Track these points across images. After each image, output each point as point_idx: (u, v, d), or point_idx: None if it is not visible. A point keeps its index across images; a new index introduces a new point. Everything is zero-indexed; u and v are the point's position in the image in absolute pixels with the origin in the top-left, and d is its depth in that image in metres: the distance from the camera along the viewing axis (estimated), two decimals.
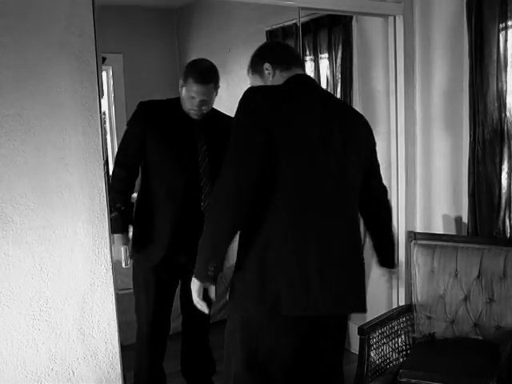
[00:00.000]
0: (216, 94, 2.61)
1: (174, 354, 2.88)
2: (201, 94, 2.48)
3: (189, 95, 2.50)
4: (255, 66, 2.06)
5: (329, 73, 3.56)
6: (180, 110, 2.57)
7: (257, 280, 1.84)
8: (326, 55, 3.56)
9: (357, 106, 3.45)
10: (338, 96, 3.50)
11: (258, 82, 2.04)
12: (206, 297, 1.84)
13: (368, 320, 2.63)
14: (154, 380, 2.79)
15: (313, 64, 3.65)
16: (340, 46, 3.42)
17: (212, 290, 1.84)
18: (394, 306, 3.11)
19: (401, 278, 3.13)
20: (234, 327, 1.94)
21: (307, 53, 3.66)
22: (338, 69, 3.47)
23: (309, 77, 2.09)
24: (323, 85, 3.62)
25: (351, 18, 3.33)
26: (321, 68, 3.61)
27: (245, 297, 1.87)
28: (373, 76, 3.35)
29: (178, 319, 2.91)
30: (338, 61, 3.46)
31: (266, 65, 2.00)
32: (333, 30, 3.46)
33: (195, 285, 1.83)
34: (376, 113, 3.35)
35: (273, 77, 2.00)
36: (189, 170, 2.56)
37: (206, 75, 2.49)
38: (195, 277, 1.82)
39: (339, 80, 3.47)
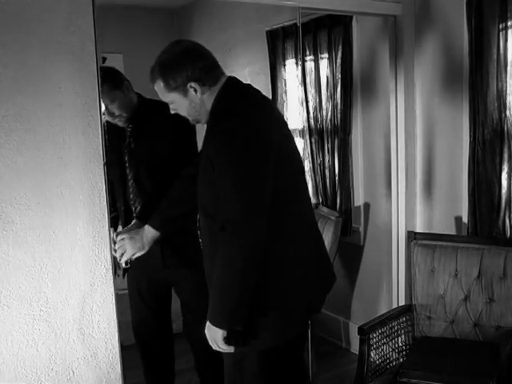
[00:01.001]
0: (127, 92, 2.45)
1: (177, 353, 2.88)
2: None
3: None
4: (173, 82, 1.77)
5: (329, 73, 3.56)
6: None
7: (283, 302, 1.81)
8: (326, 55, 3.56)
9: (357, 106, 3.45)
10: (338, 96, 3.50)
11: (178, 101, 1.81)
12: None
13: (368, 320, 2.63)
14: (158, 379, 2.81)
15: (313, 64, 3.65)
16: (340, 46, 3.42)
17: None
18: (394, 306, 3.11)
19: (401, 278, 3.13)
20: (238, 357, 1.86)
21: (307, 53, 3.66)
22: (338, 69, 3.47)
23: (238, 79, 1.90)
24: (323, 85, 3.62)
25: (351, 17, 3.33)
26: (321, 68, 3.61)
27: (260, 331, 1.80)
28: (373, 76, 3.35)
29: (178, 319, 2.91)
30: (338, 61, 3.46)
31: (192, 84, 1.76)
32: (333, 30, 3.45)
33: (219, 333, 1.74)
34: (376, 113, 3.35)
35: (202, 94, 1.79)
36: (123, 179, 2.52)
37: None
38: (218, 326, 1.73)
39: (339, 80, 3.47)
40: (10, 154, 1.94)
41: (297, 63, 3.59)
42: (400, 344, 2.69)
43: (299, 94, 3.71)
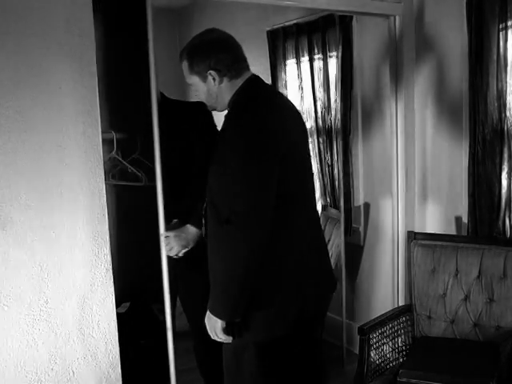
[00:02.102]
0: None
1: (181, 352, 2.88)
2: None
3: None
4: (196, 67, 1.88)
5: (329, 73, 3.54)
6: None
7: (272, 301, 1.84)
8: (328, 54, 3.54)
9: (358, 106, 3.44)
10: (338, 96, 3.48)
11: (198, 84, 1.90)
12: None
13: (368, 320, 2.63)
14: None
15: (315, 63, 3.64)
16: (340, 46, 3.41)
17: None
18: (394, 305, 3.11)
19: (401, 277, 3.13)
20: (238, 353, 1.91)
21: (311, 52, 3.65)
22: (339, 69, 3.45)
23: (261, 78, 1.98)
24: (323, 85, 3.61)
25: (351, 17, 3.32)
26: (323, 68, 3.60)
27: (258, 322, 1.85)
28: (373, 76, 3.34)
29: (181, 317, 2.90)
30: (339, 61, 3.44)
31: (212, 72, 1.85)
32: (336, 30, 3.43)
33: (219, 324, 1.81)
34: (376, 113, 3.35)
35: (219, 84, 1.87)
36: None
37: None
38: (218, 317, 1.80)
39: (339, 80, 3.45)
40: (10, 154, 1.95)
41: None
42: (400, 344, 2.69)
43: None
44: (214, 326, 1.82)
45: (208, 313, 1.84)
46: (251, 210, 1.71)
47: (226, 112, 1.93)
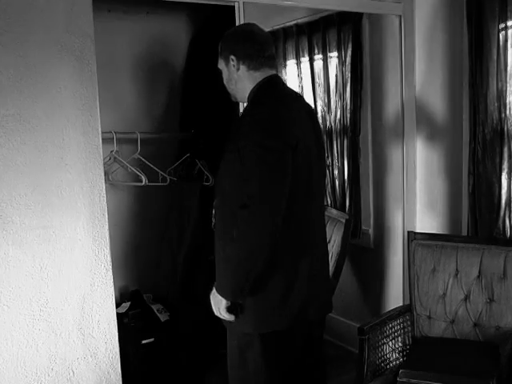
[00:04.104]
0: None
1: None
2: None
3: None
4: (223, 51, 2.00)
5: (338, 72, 3.52)
6: None
7: (278, 293, 1.87)
8: (335, 54, 3.52)
9: (367, 105, 3.41)
10: (348, 96, 3.46)
11: (223, 68, 2.01)
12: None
13: (368, 320, 2.63)
14: None
15: (321, 63, 3.62)
16: (350, 45, 3.38)
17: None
18: (394, 306, 3.11)
19: (401, 277, 3.13)
20: (243, 348, 1.95)
21: (315, 51, 3.64)
22: (348, 68, 3.43)
23: (281, 79, 2.08)
24: (332, 84, 3.59)
25: (361, 15, 3.28)
26: (330, 67, 3.58)
27: (264, 313, 1.89)
28: (378, 76, 3.32)
29: None
30: (348, 59, 3.42)
31: (232, 57, 1.95)
32: (342, 29, 3.42)
33: (223, 302, 1.86)
34: (386, 112, 3.32)
35: (237, 71, 1.96)
36: None
37: None
38: (223, 296, 1.85)
39: (349, 79, 3.43)
40: (9, 154, 1.94)
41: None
42: (400, 344, 2.69)
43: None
44: (218, 304, 1.87)
45: (214, 290, 1.89)
46: (265, 195, 1.76)
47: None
